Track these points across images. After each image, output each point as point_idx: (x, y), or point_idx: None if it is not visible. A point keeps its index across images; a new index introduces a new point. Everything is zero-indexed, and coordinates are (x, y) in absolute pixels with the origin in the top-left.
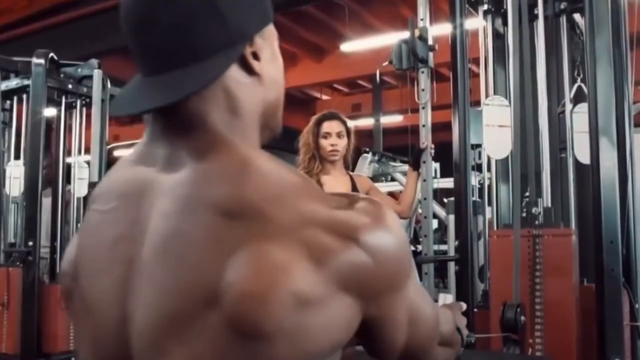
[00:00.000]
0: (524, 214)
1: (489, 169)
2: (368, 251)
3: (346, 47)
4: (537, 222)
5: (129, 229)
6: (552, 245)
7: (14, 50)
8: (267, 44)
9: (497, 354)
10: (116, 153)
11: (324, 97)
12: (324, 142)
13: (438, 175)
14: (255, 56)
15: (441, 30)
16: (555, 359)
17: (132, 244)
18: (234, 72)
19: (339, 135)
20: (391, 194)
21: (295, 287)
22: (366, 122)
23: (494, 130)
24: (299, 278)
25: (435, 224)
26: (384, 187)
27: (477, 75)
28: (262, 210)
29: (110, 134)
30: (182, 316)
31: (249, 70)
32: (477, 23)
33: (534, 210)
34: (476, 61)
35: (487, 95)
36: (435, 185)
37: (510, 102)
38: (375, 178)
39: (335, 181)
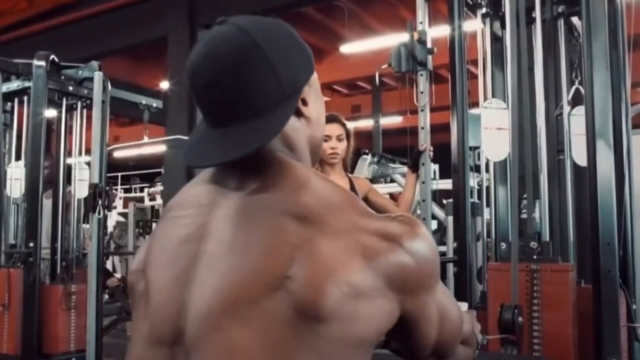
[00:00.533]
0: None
1: (487, 171)
2: (410, 254)
3: (345, 48)
4: (534, 257)
5: (197, 230)
6: (551, 280)
7: (14, 52)
8: (313, 89)
9: (495, 355)
10: (116, 154)
11: (324, 99)
12: (323, 145)
13: (437, 176)
14: (304, 102)
15: (440, 31)
16: None
17: (198, 242)
18: (290, 119)
19: (338, 138)
20: (390, 195)
21: (350, 278)
22: (366, 124)
23: (492, 132)
24: (353, 272)
25: (434, 225)
26: (383, 188)
27: (476, 77)
28: (322, 215)
29: (110, 135)
30: (244, 298)
31: (299, 114)
32: (475, 25)
33: (531, 244)
34: (475, 63)
35: (485, 98)
36: (434, 187)
37: (508, 105)
38: (374, 179)
39: None
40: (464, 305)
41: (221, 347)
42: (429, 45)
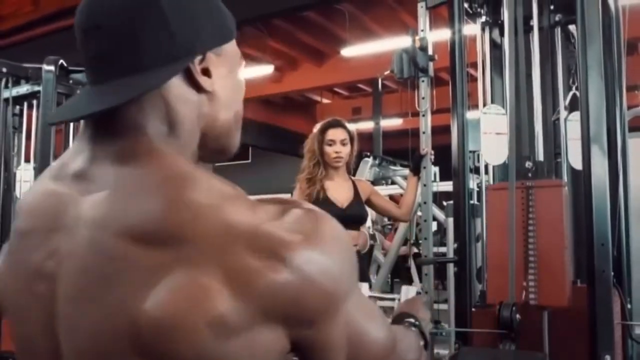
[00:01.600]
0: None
1: (486, 173)
2: (295, 272)
3: (347, 52)
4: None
5: (46, 261)
6: (544, 196)
7: (19, 55)
8: (225, 62)
9: (493, 350)
10: None
11: (325, 101)
12: (328, 149)
13: (437, 178)
14: (206, 72)
15: (442, 35)
16: (547, 303)
17: (49, 281)
18: (179, 87)
19: (342, 142)
20: (391, 197)
21: (215, 315)
22: (366, 126)
23: (491, 137)
24: (219, 306)
25: (434, 226)
26: (384, 190)
27: (476, 80)
28: (180, 233)
29: None
30: (102, 357)
31: (198, 87)
32: (476, 29)
33: (527, 164)
34: (476, 66)
35: (484, 104)
36: (435, 189)
37: (506, 110)
38: (375, 182)
39: (338, 186)
40: (411, 291)
41: None
42: (430, 52)
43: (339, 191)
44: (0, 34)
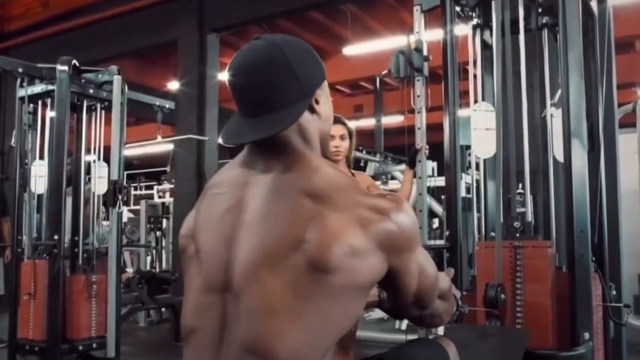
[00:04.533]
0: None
1: (477, 169)
2: (396, 223)
3: (348, 50)
4: (517, 235)
5: (236, 203)
6: (532, 255)
7: (28, 54)
8: (324, 92)
9: (480, 327)
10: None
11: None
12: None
13: (435, 173)
14: (317, 101)
15: (438, 34)
16: (534, 346)
17: (237, 213)
18: (305, 113)
19: (341, 137)
20: (392, 191)
21: (351, 241)
22: (368, 123)
23: (481, 132)
24: (353, 236)
25: (436, 223)
26: (385, 186)
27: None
28: (330, 194)
29: None
30: (274, 255)
31: (312, 111)
32: (467, 31)
33: (515, 224)
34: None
35: (475, 101)
36: (432, 184)
37: (495, 107)
38: (376, 176)
39: None
40: (451, 271)
41: (261, 292)
42: (425, 52)
43: None
44: (11, 34)
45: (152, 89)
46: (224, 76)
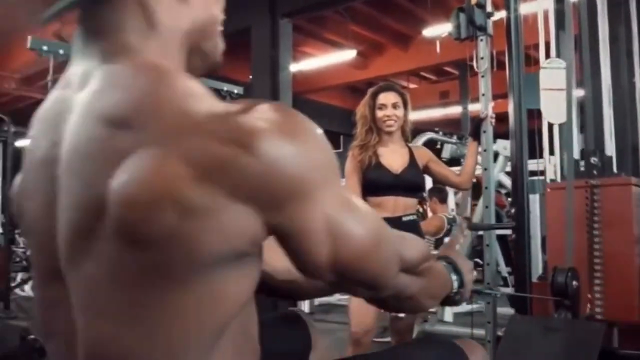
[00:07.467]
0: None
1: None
2: (261, 159)
3: (429, 32)
4: (595, 173)
5: (50, 150)
6: (611, 196)
7: None
8: None
9: (546, 318)
10: None
11: (412, 86)
12: (379, 114)
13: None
14: None
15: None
16: (615, 317)
17: (53, 165)
18: None
19: (394, 105)
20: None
21: (179, 195)
22: (455, 111)
23: (552, 94)
24: (181, 187)
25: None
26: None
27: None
28: (148, 117)
29: None
30: (83, 230)
31: None
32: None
33: (592, 160)
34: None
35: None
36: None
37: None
38: (452, 160)
39: (393, 152)
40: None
41: (80, 279)
42: (488, 8)
43: (393, 157)
44: None
45: (225, 78)
46: (299, 66)
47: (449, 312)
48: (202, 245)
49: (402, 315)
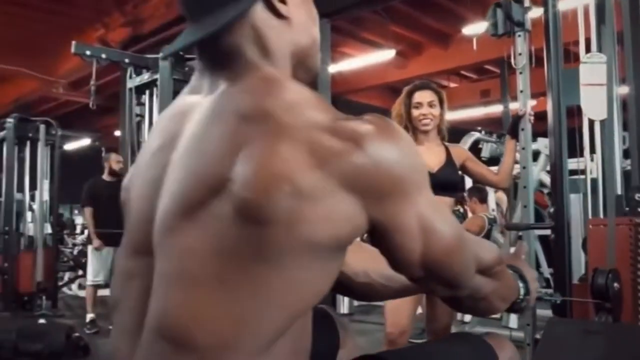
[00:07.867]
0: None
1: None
2: (369, 156)
3: (468, 30)
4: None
5: (169, 139)
6: None
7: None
8: None
9: (586, 321)
10: None
11: (452, 85)
12: (415, 112)
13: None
14: (282, 1)
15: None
16: None
17: (169, 151)
18: (261, 14)
19: (430, 104)
20: None
21: (294, 179)
22: (496, 109)
23: (592, 89)
24: (298, 172)
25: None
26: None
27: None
28: (273, 113)
29: None
30: (194, 201)
31: (277, 14)
32: None
33: (637, 196)
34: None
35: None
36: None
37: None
38: (492, 159)
39: (429, 151)
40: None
41: (175, 248)
42: (526, 3)
43: (429, 156)
44: (144, 36)
45: None
46: (338, 66)
47: (513, 319)
48: (308, 228)
49: (440, 314)
